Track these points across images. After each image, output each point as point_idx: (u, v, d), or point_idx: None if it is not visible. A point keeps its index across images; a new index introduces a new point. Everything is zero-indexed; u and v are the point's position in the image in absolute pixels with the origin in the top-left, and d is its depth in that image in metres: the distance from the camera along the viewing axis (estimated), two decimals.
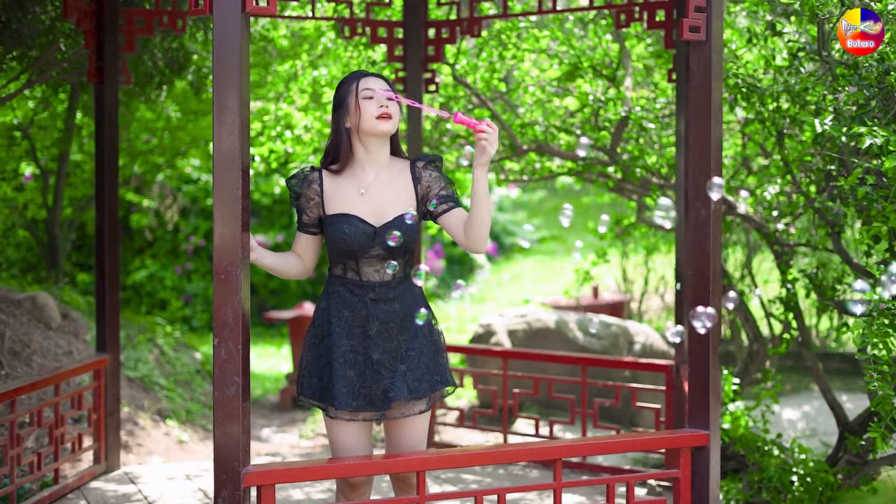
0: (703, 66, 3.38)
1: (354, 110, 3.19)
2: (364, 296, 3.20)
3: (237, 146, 2.88)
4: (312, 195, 3.25)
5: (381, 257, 3.20)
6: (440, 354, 3.28)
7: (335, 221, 3.19)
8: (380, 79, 3.24)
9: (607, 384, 5.05)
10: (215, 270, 2.90)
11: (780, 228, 5.28)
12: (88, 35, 4.78)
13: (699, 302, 3.39)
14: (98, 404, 4.90)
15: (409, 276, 3.28)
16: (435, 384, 3.23)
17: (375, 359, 3.17)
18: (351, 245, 3.16)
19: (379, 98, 3.18)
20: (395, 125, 3.22)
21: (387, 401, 3.15)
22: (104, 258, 4.87)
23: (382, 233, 3.17)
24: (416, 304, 3.25)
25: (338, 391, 3.14)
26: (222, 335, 2.90)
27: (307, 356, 3.27)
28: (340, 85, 3.27)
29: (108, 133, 4.88)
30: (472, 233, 3.15)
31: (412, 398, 3.16)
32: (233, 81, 2.88)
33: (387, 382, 3.16)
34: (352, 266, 3.21)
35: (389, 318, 3.20)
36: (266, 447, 6.43)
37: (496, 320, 6.87)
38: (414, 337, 3.22)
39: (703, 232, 3.39)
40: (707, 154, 3.39)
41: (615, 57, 5.78)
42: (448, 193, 3.24)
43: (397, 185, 3.25)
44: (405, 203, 3.23)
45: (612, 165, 5.59)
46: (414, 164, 3.28)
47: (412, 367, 3.18)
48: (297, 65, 6.46)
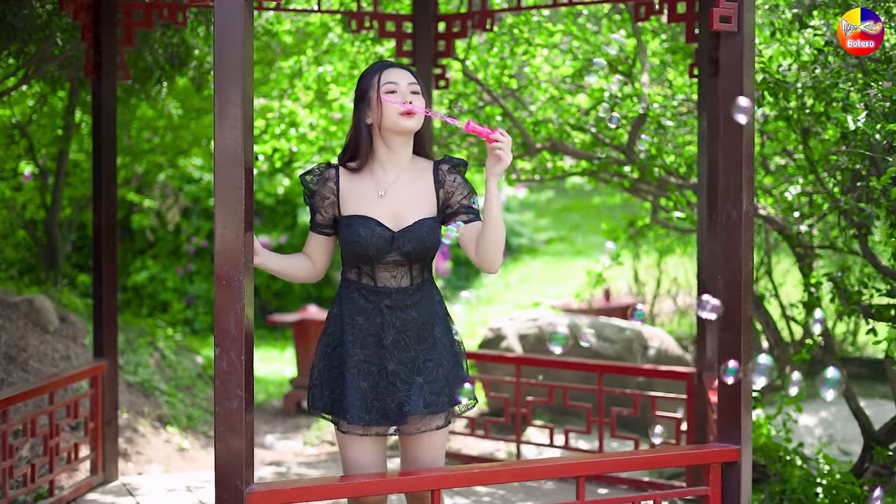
0: (735, 58, 3.19)
1: (376, 106, 2.98)
2: (379, 302, 2.99)
3: (240, 142, 2.69)
4: (328, 194, 3.05)
5: (398, 263, 3.00)
6: (460, 367, 3.07)
7: (351, 223, 3.00)
8: (405, 71, 3.03)
9: (625, 392, 4.85)
10: (216, 275, 2.71)
11: (802, 230, 5.08)
12: (85, 29, 4.59)
13: (732, 309, 3.19)
14: (95, 412, 4.71)
15: (428, 282, 3.08)
16: (454, 398, 3.03)
17: (390, 370, 2.97)
18: (367, 249, 2.96)
19: (403, 93, 2.97)
20: (420, 122, 3.01)
21: (402, 415, 2.95)
22: (102, 260, 4.68)
23: (401, 238, 2.97)
24: (435, 313, 3.05)
25: (350, 403, 2.95)
26: (224, 345, 2.71)
27: (318, 366, 3.07)
28: (362, 77, 3.06)
29: (105, 130, 4.69)
30: (484, 252, 2.94)
31: (429, 413, 2.96)
32: (235, 73, 2.69)
33: (402, 395, 2.96)
34: (367, 271, 3.02)
35: (406, 327, 2.99)
36: (269, 455, 6.24)
37: (506, 324, 6.67)
38: (432, 347, 3.01)
39: (734, 235, 3.20)
40: (738, 151, 3.19)
41: (631, 52, 5.58)
42: (470, 204, 3.04)
43: (418, 187, 3.04)
44: (426, 208, 3.03)
45: (628, 164, 5.39)
46: (438, 167, 3.07)
47: (430, 380, 2.98)
48: (302, 60, 6.26)
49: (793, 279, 8.59)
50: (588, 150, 5.50)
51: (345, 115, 6.06)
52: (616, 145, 5.40)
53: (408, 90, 2.98)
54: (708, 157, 4.42)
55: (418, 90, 3.01)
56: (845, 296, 4.77)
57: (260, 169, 6.75)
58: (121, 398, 6.13)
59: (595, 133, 5.48)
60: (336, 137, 6.09)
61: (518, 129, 5.47)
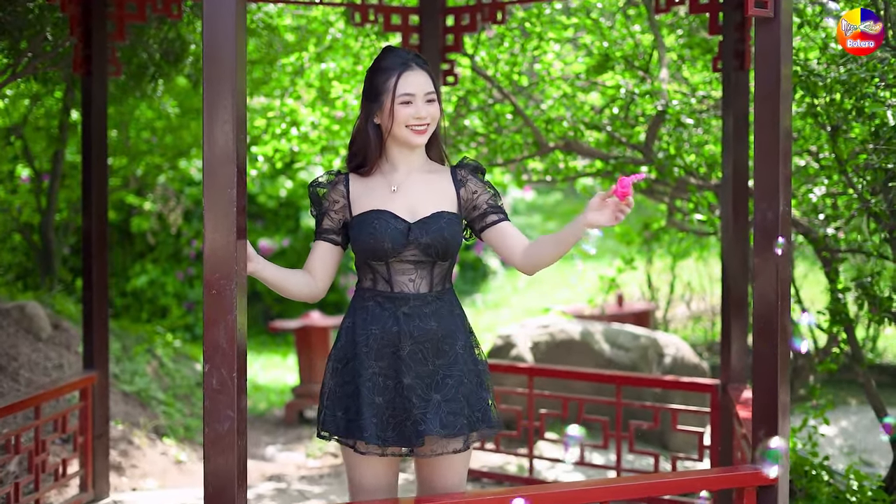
0: (771, 46, 2.94)
1: (388, 114, 2.75)
2: (396, 309, 2.74)
3: (231, 138, 2.44)
4: (337, 197, 2.81)
5: (417, 263, 2.75)
6: (483, 387, 2.80)
7: (364, 220, 2.75)
8: (422, 73, 2.77)
9: (644, 405, 4.58)
10: (206, 283, 2.46)
11: (829, 233, 4.83)
12: (74, 21, 4.35)
13: (767, 318, 2.94)
14: (85, 426, 4.45)
15: (449, 291, 2.83)
16: (475, 422, 2.75)
17: (406, 384, 2.71)
18: (381, 243, 2.71)
19: (418, 106, 2.74)
20: (430, 134, 2.80)
21: (417, 434, 2.69)
22: (92, 265, 4.43)
23: (417, 229, 2.73)
24: (457, 326, 2.79)
25: (367, 422, 2.68)
26: (214, 360, 2.46)
27: (329, 385, 2.81)
28: (376, 71, 2.79)
29: (96, 128, 4.44)
30: (532, 263, 2.76)
31: (446, 435, 2.69)
32: (226, 64, 2.44)
33: (418, 413, 2.70)
34: (382, 274, 2.76)
35: (424, 338, 2.73)
36: (270, 468, 5.98)
37: (516, 331, 6.41)
38: (453, 363, 2.75)
39: (770, 237, 2.94)
40: (775, 148, 2.94)
41: (648, 47, 5.32)
42: (496, 204, 2.83)
43: (434, 184, 2.82)
44: (445, 202, 2.80)
45: (646, 164, 5.13)
46: (456, 170, 2.86)
47: (448, 398, 2.72)
48: (304, 57, 6.01)
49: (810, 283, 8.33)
50: (604, 150, 5.23)
51: (348, 114, 5.81)
52: (633, 144, 5.13)
53: (424, 101, 2.75)
54: (734, 155, 4.17)
55: (434, 97, 2.78)
56: (875, 302, 4.51)
57: (261, 170, 6.50)
58: (116, 408, 5.89)
59: (611, 132, 5.21)
60: (339, 137, 5.84)
61: (530, 128, 5.22)
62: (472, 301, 11.21)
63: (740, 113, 4.18)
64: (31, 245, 8.03)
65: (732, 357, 4.24)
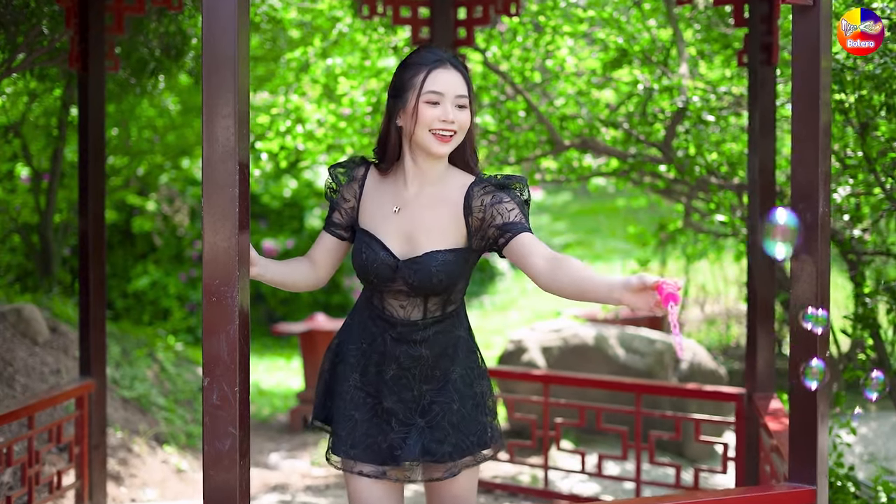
0: (811, 36, 2.74)
1: (411, 112, 2.48)
2: (384, 332, 2.56)
3: (232, 132, 2.25)
4: (349, 196, 2.61)
5: (407, 294, 2.53)
6: (482, 411, 2.60)
7: (359, 239, 2.57)
8: (456, 73, 2.49)
9: (665, 414, 4.39)
10: (205, 290, 2.27)
11: (855, 235, 4.64)
12: (70, 13, 4.16)
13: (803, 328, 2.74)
14: (81, 436, 4.26)
15: (451, 315, 2.60)
16: (469, 447, 2.55)
17: (386, 407, 2.54)
18: (367, 274, 2.53)
19: (446, 109, 2.45)
20: (454, 146, 2.51)
21: (393, 458, 2.52)
22: (89, 269, 4.24)
23: (405, 269, 2.50)
24: (454, 351, 2.57)
25: (337, 434, 2.57)
26: (214, 374, 2.26)
27: (325, 375, 2.70)
28: (406, 66, 2.54)
29: (93, 125, 4.25)
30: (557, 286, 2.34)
31: (425, 462, 2.51)
32: (226, 52, 2.24)
33: (395, 437, 2.52)
34: (376, 292, 2.58)
35: (411, 364, 2.54)
36: (274, 476, 5.79)
37: (527, 335, 6.22)
38: (442, 388, 2.55)
39: (809, 240, 2.75)
40: (814, 145, 2.75)
41: (667, 41, 5.12)
42: (510, 221, 2.45)
43: (442, 209, 2.53)
44: (447, 236, 2.51)
45: (665, 163, 4.93)
46: (471, 188, 2.52)
47: (433, 425, 2.52)
48: (309, 52, 5.81)
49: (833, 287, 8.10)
50: (621, 148, 5.04)
51: (355, 111, 5.61)
52: (651, 142, 4.94)
53: (453, 104, 2.46)
54: (760, 154, 3.97)
55: (466, 103, 2.49)
56: None
57: (264, 169, 6.30)
58: (115, 415, 5.70)
59: (628, 129, 5.02)
60: (346, 135, 5.65)
61: (545, 125, 5.02)
62: (480, 303, 11.02)
63: (767, 109, 3.99)
64: (29, 246, 7.85)
65: (758, 365, 4.04)
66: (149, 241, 10.37)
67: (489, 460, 2.68)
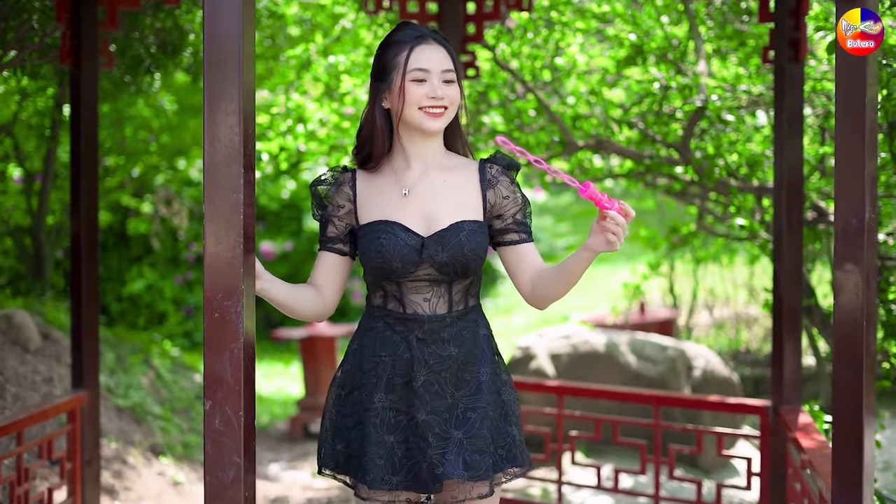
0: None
1: (398, 93, 2.35)
2: (409, 333, 2.36)
3: (237, 131, 2.05)
4: (342, 201, 2.42)
5: (433, 281, 2.36)
6: (508, 421, 2.42)
7: (370, 231, 2.36)
8: (440, 48, 2.38)
9: (686, 428, 4.19)
10: (207, 306, 2.07)
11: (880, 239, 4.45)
12: (61, 8, 3.96)
13: (851, 340, 2.56)
14: (73, 451, 4.06)
15: (473, 310, 2.44)
16: (499, 461, 2.37)
17: (421, 420, 2.33)
18: (390, 261, 2.33)
19: (433, 84, 2.34)
20: (447, 121, 2.39)
21: (435, 479, 2.31)
22: (81, 274, 4.04)
23: (432, 245, 2.33)
24: (480, 350, 2.41)
25: (371, 462, 2.31)
26: (216, 396, 2.06)
27: (331, 413, 2.44)
28: (386, 46, 2.40)
29: (86, 125, 4.05)
30: (544, 293, 2.39)
31: (469, 478, 2.31)
32: (230, 42, 2.05)
33: (434, 454, 2.31)
34: (393, 292, 2.38)
35: (442, 366, 2.35)
36: (274, 489, 5.59)
37: (535, 341, 6.02)
38: (475, 393, 2.36)
39: (854, 247, 2.55)
40: (861, 143, 2.55)
41: (683, 38, 4.93)
42: (523, 220, 2.44)
43: (456, 184, 2.41)
44: (467, 209, 2.39)
45: (682, 165, 4.73)
46: (486, 165, 2.43)
47: (471, 435, 2.33)
48: (311, 49, 5.60)
49: None
50: (637, 149, 4.84)
51: (358, 111, 5.41)
52: (668, 143, 4.74)
53: (440, 79, 2.36)
54: (788, 155, 3.78)
55: (453, 78, 2.38)
56: None
57: (264, 171, 6.09)
58: (109, 425, 5.50)
59: (643, 129, 4.82)
60: (348, 135, 5.44)
61: (557, 125, 4.83)
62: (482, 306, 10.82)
63: (795, 108, 3.79)
64: (21, 249, 7.64)
65: (784, 376, 3.85)
66: (144, 244, 10.16)
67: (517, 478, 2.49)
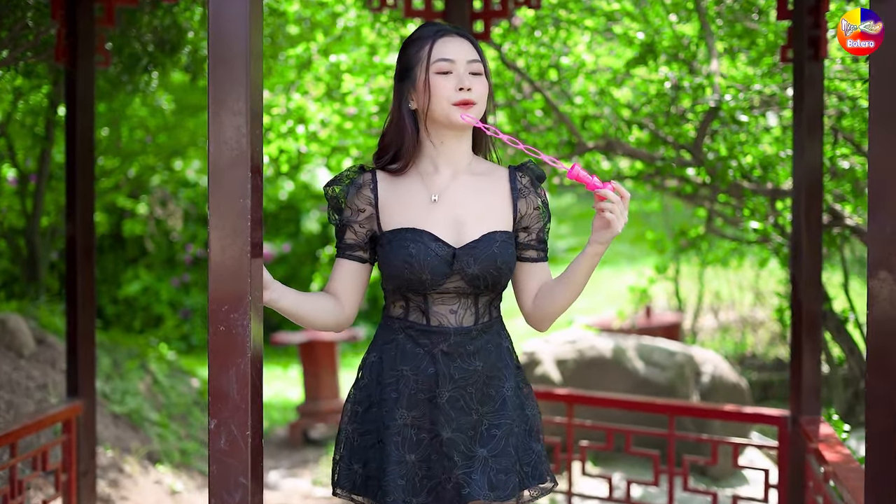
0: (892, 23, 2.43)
1: (423, 89, 2.24)
2: (433, 347, 2.24)
3: (244, 132, 1.92)
4: (363, 204, 2.28)
5: (461, 293, 2.24)
6: (532, 437, 2.31)
7: (396, 239, 2.23)
8: (463, 40, 2.28)
9: (701, 438, 4.07)
10: (212, 318, 1.94)
11: None
12: (56, 4, 3.83)
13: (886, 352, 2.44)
14: (69, 462, 3.93)
15: (497, 321, 2.32)
16: (525, 479, 2.27)
17: (445, 438, 2.21)
18: (419, 273, 2.20)
19: (459, 75, 2.23)
20: (480, 113, 2.26)
21: (460, 499, 2.19)
22: (77, 278, 3.91)
23: (464, 257, 2.21)
24: (504, 363, 2.29)
25: (392, 483, 2.19)
26: (221, 415, 1.94)
27: (347, 431, 2.32)
28: (407, 45, 2.30)
29: (81, 124, 3.93)
30: (545, 311, 2.30)
31: (496, 498, 2.19)
32: (237, 38, 1.93)
33: (460, 474, 2.19)
34: (417, 303, 2.25)
35: (467, 381, 2.23)
36: (273, 497, 5.46)
37: (541, 346, 5.90)
38: (500, 409, 2.25)
39: (890, 255, 2.44)
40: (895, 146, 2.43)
41: (694, 37, 4.81)
42: (545, 237, 2.36)
43: (487, 191, 2.29)
44: (497, 218, 2.28)
45: (694, 166, 4.62)
46: (516, 174, 2.33)
47: (496, 453, 2.22)
48: (312, 48, 5.48)
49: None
50: (648, 150, 4.72)
51: (361, 111, 5.28)
52: (680, 144, 4.62)
53: (466, 70, 2.24)
54: (807, 157, 3.66)
55: (481, 70, 2.27)
56: None
57: (265, 174, 5.97)
58: (105, 432, 5.37)
59: (654, 130, 4.70)
60: (350, 136, 5.32)
61: (566, 126, 4.71)
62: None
63: (814, 108, 3.67)
64: (15, 251, 7.50)
65: (804, 385, 3.73)
66: (140, 246, 10.03)
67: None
